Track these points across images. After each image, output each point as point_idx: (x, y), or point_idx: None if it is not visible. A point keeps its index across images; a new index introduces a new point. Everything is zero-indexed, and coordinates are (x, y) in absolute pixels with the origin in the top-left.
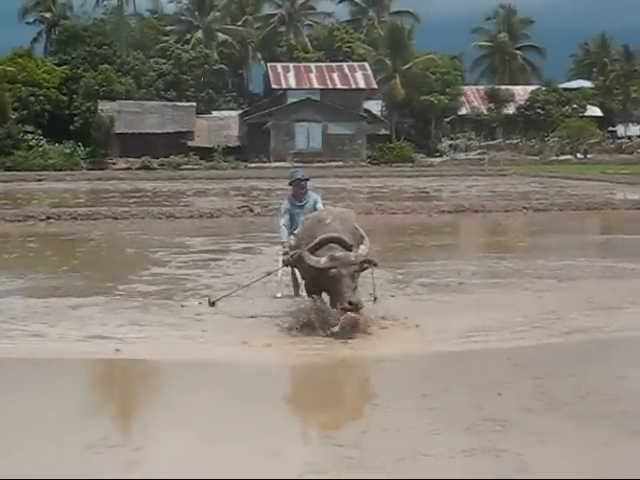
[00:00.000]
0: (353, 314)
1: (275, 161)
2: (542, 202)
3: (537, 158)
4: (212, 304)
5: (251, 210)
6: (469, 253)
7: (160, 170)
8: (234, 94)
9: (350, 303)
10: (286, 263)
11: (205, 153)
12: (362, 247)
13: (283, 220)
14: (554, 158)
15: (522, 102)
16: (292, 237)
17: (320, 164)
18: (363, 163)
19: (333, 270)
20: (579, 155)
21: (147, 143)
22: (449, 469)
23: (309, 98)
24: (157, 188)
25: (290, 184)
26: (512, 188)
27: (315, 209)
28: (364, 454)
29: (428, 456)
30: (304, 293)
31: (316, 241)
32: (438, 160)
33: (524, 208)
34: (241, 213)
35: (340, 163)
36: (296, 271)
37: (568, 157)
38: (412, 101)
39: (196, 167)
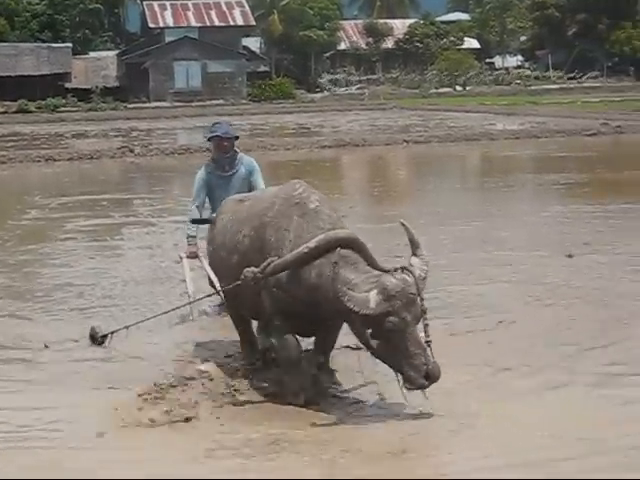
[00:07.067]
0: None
1: (155, 101)
2: (422, 135)
3: (417, 91)
4: (100, 342)
5: (131, 150)
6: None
7: (37, 113)
8: (111, 34)
9: (427, 377)
10: (251, 281)
11: (83, 94)
12: (416, 260)
13: (198, 201)
14: (433, 91)
15: (400, 36)
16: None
17: (200, 103)
18: (244, 101)
19: (393, 318)
20: (458, 87)
21: (23, 86)
22: None
23: (187, 36)
24: (35, 131)
25: (209, 141)
26: (392, 122)
27: (251, 184)
28: None
29: None
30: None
31: (311, 245)
32: (319, 96)
33: (404, 141)
34: (121, 154)
35: (220, 101)
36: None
37: (447, 90)
38: (291, 37)
39: (74, 109)
